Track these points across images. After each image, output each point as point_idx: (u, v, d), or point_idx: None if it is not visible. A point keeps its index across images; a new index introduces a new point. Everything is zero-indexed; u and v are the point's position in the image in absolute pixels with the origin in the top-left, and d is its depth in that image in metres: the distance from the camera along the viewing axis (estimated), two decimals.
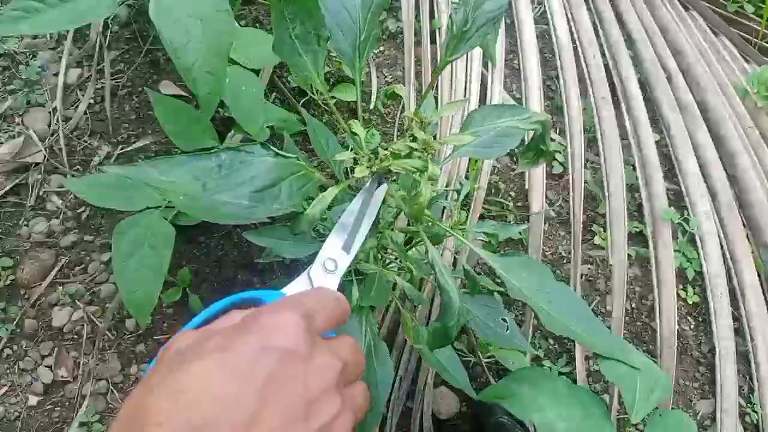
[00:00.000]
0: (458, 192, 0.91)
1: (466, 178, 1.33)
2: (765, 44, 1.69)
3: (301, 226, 0.50)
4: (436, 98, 1.45)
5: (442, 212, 1.26)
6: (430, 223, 0.65)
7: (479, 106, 1.42)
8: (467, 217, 1.28)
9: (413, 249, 0.97)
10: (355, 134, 0.55)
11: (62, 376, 1.14)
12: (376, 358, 0.59)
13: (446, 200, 0.89)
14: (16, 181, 1.29)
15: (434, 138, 0.53)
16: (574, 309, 0.60)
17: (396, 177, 0.54)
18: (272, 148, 0.48)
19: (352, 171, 0.51)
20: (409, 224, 0.71)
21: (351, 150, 0.54)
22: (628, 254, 1.33)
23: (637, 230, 1.39)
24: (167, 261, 1.00)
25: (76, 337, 1.17)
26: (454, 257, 1.24)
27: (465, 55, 1.50)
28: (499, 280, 0.66)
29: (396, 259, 0.76)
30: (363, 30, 0.59)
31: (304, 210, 0.49)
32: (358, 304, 0.61)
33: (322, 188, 0.51)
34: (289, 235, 0.83)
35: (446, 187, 1.28)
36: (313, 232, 0.82)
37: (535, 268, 0.61)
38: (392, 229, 0.68)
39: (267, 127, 1.21)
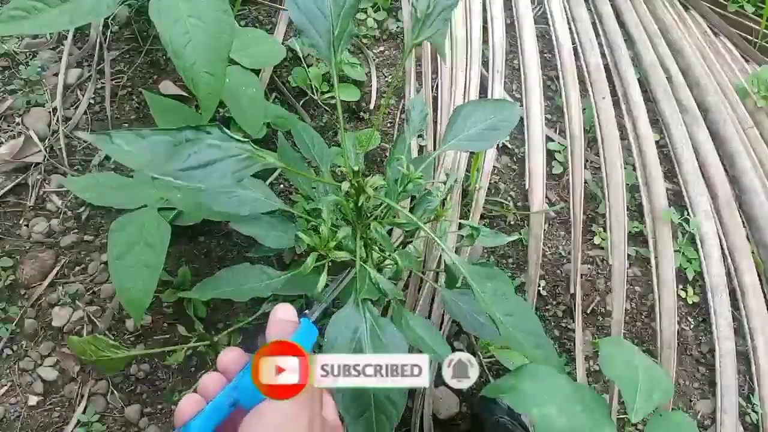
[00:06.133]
0: (444, 183, 0.91)
1: (467, 177, 1.33)
2: (765, 44, 1.69)
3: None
4: (435, 98, 1.45)
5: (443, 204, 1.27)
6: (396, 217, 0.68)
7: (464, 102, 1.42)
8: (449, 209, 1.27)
9: (408, 245, 0.98)
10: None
11: (62, 376, 1.14)
12: (384, 336, 0.59)
13: (435, 195, 0.90)
14: (16, 181, 1.29)
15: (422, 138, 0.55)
16: (527, 323, 0.64)
17: None
18: (227, 131, 0.51)
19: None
20: (384, 216, 0.73)
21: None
22: (628, 254, 1.33)
23: (637, 230, 1.39)
24: (162, 258, 1.00)
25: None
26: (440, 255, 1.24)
27: (465, 55, 1.50)
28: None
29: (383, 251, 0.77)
30: (336, 27, 0.65)
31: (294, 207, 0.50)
32: (356, 297, 0.62)
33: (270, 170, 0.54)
34: (272, 227, 0.87)
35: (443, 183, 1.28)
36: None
37: (500, 279, 0.64)
38: (379, 221, 0.68)
39: (264, 124, 1.21)
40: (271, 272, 0.84)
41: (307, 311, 0.51)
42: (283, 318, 0.46)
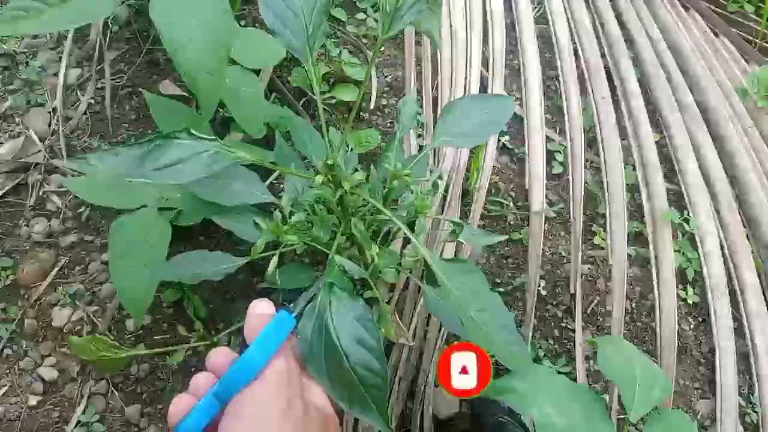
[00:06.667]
0: (427, 180, 0.92)
1: (467, 177, 1.33)
2: (765, 44, 1.69)
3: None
4: (435, 98, 1.45)
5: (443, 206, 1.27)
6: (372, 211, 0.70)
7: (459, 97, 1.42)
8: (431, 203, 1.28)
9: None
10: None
11: (62, 376, 1.14)
12: (348, 317, 0.58)
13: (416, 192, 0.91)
14: (16, 181, 1.29)
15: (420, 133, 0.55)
16: (500, 319, 0.63)
17: None
18: (195, 133, 0.55)
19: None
20: (372, 213, 0.74)
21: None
22: (628, 254, 1.33)
23: (637, 230, 1.39)
24: (163, 258, 1.00)
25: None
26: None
27: (465, 55, 1.50)
28: None
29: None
30: (309, 25, 0.67)
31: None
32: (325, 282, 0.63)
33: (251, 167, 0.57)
34: (250, 221, 0.90)
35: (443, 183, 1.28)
36: None
37: (474, 275, 0.64)
38: (363, 217, 0.69)
39: (264, 124, 1.21)
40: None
41: (292, 305, 0.51)
42: (260, 312, 0.47)
